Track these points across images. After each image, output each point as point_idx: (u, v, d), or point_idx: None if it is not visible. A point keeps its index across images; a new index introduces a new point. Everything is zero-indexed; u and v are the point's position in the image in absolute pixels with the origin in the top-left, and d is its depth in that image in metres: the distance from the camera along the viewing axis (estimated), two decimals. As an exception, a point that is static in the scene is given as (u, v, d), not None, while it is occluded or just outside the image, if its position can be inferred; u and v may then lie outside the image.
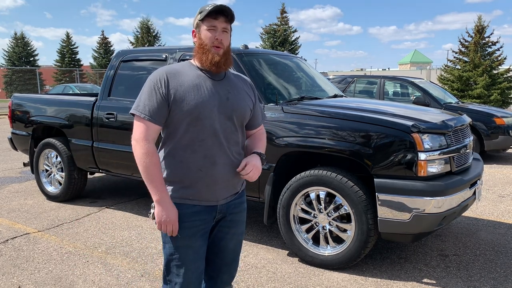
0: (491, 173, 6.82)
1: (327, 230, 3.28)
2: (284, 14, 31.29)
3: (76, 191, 5.10)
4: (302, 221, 3.39)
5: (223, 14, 1.75)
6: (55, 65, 40.39)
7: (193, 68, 1.82)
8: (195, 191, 1.78)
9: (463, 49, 18.76)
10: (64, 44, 40.15)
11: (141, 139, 1.71)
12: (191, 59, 1.87)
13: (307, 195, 3.33)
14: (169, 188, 1.78)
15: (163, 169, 1.79)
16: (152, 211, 1.78)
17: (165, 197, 1.72)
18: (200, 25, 1.78)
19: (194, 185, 1.78)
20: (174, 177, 1.79)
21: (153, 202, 1.79)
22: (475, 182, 3.31)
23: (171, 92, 1.72)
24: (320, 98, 4.07)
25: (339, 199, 3.17)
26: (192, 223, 1.78)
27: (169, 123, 1.77)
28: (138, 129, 1.73)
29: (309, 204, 3.34)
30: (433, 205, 2.87)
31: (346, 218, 3.22)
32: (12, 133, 5.66)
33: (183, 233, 1.77)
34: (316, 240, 3.36)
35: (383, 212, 2.98)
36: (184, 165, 1.77)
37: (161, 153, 1.82)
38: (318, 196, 3.28)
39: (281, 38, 29.93)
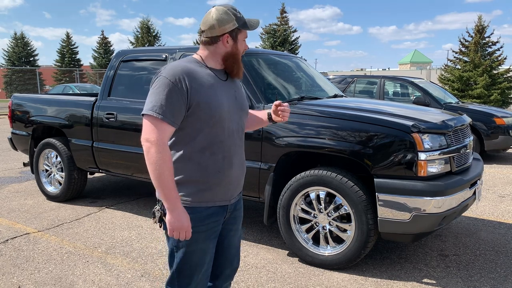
0: (491, 173, 6.82)
1: (327, 230, 3.28)
2: (284, 14, 31.28)
3: (76, 191, 5.10)
4: (302, 221, 3.39)
5: None
6: (55, 65, 40.39)
7: (203, 66, 1.78)
8: (212, 193, 1.76)
9: (463, 49, 18.77)
10: (64, 44, 40.15)
11: (157, 142, 1.62)
12: (193, 55, 1.83)
13: (307, 195, 3.33)
14: (185, 191, 1.72)
15: (177, 173, 1.72)
16: (157, 214, 1.74)
17: (178, 204, 1.66)
18: (238, 33, 1.79)
19: (213, 187, 1.75)
20: (190, 180, 1.73)
21: (157, 206, 1.76)
22: (475, 182, 3.31)
23: (193, 94, 1.66)
24: (320, 98, 4.06)
25: (339, 199, 3.17)
26: (207, 226, 1.76)
27: (186, 125, 1.70)
28: (154, 131, 1.63)
29: (309, 204, 3.34)
30: (433, 205, 2.87)
31: (346, 218, 3.22)
32: (12, 133, 5.66)
33: (199, 237, 1.74)
34: (316, 240, 3.36)
35: (383, 212, 2.98)
36: (202, 167, 1.73)
37: (173, 157, 1.75)
38: (318, 196, 3.28)
39: (281, 38, 29.91)
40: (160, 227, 1.78)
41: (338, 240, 3.26)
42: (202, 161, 1.73)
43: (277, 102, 2.01)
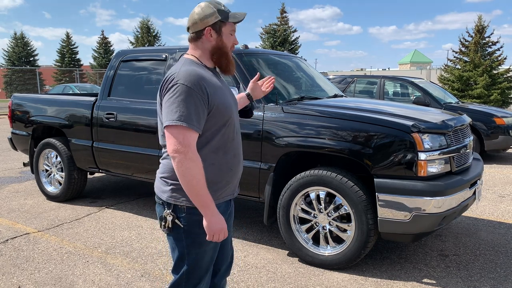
0: (491, 173, 6.82)
1: (327, 230, 3.28)
2: (284, 14, 31.31)
3: (76, 191, 5.10)
4: (302, 221, 3.39)
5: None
6: (55, 65, 40.39)
7: (204, 67, 1.78)
8: (224, 190, 1.79)
9: (463, 49, 18.78)
10: (64, 44, 40.15)
11: (190, 152, 1.59)
12: (188, 57, 1.80)
13: (307, 195, 3.33)
14: None
15: None
16: (169, 219, 1.71)
17: (215, 208, 1.66)
18: (221, 26, 1.77)
19: (225, 185, 1.78)
20: (206, 181, 1.70)
21: (166, 209, 1.73)
22: (475, 182, 3.31)
23: (211, 97, 1.67)
24: (320, 98, 4.07)
25: (339, 199, 3.17)
26: None
27: (204, 129, 1.69)
28: (185, 141, 1.60)
29: (309, 204, 3.34)
30: (433, 205, 2.87)
31: (346, 218, 3.22)
32: (12, 133, 5.66)
33: None
34: (316, 240, 3.35)
35: (383, 212, 2.98)
36: (216, 167, 1.74)
37: None
38: (318, 196, 3.28)
39: (281, 38, 29.93)
40: (170, 232, 1.74)
41: (338, 240, 3.26)
42: (216, 161, 1.74)
43: (255, 78, 2.21)
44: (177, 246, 1.77)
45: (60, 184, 5.11)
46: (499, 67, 18.10)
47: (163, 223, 1.74)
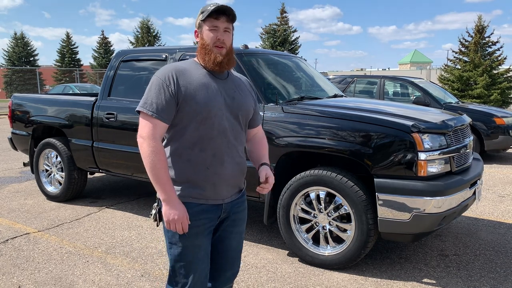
0: (491, 173, 6.82)
1: (327, 230, 3.28)
2: (284, 14, 31.29)
3: (76, 191, 5.10)
4: (302, 221, 3.39)
5: (224, 14, 1.77)
6: (55, 65, 40.39)
7: (199, 67, 1.82)
8: (202, 190, 1.78)
9: (463, 49, 18.78)
10: (64, 44, 40.15)
11: (148, 137, 1.69)
12: (194, 58, 1.88)
13: (307, 195, 3.33)
14: (176, 187, 1.76)
15: (169, 169, 1.77)
16: (153, 211, 1.78)
17: (172, 195, 1.71)
18: (202, 25, 1.80)
19: (201, 184, 1.78)
20: (180, 176, 1.77)
21: (155, 203, 1.79)
22: (475, 182, 3.31)
23: (181, 90, 1.72)
24: (320, 98, 4.07)
25: (339, 199, 3.17)
26: (198, 221, 1.78)
27: (176, 122, 1.76)
28: (146, 126, 1.71)
29: (309, 204, 3.34)
30: (433, 205, 2.87)
31: (346, 218, 3.22)
32: (12, 133, 5.66)
33: (191, 232, 1.76)
34: (316, 240, 3.36)
35: (383, 212, 2.98)
36: (191, 163, 1.77)
37: (167, 153, 1.80)
38: (318, 196, 3.28)
39: (281, 38, 29.92)
40: (158, 226, 1.80)
41: (338, 240, 3.26)
42: (192, 158, 1.77)
43: (266, 181, 1.95)
44: (165, 238, 1.87)
45: (60, 184, 5.11)
46: (499, 67, 18.10)
47: (150, 214, 1.82)
